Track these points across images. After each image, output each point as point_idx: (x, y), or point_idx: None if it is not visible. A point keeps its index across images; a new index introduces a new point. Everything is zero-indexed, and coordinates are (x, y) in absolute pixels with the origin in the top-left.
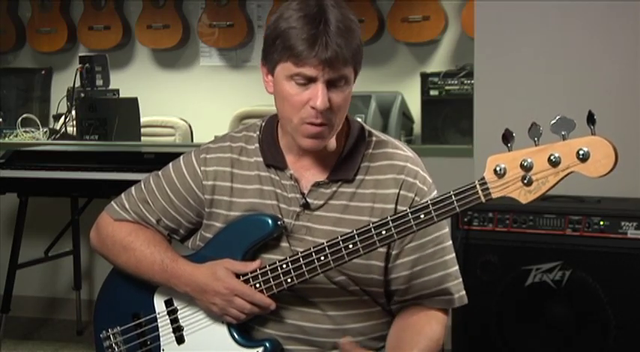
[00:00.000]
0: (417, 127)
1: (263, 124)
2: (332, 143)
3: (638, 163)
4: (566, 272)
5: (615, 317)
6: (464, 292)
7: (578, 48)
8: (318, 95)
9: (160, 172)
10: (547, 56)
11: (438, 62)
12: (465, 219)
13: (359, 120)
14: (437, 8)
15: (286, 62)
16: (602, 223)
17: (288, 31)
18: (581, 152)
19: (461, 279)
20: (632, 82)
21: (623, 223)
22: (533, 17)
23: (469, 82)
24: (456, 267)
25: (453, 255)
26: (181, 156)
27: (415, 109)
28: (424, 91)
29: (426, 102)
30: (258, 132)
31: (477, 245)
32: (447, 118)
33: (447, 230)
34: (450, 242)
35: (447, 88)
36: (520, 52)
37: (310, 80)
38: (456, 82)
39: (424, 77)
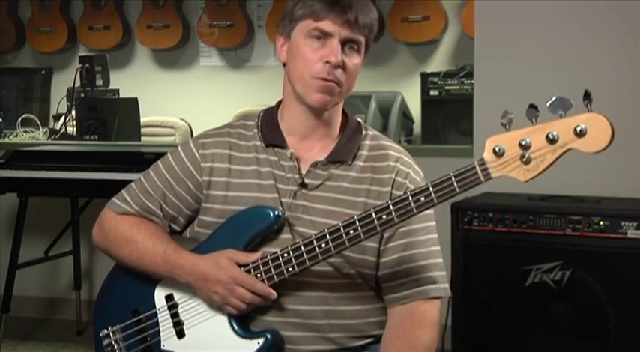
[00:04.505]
0: (417, 127)
1: (261, 113)
2: (334, 130)
3: (639, 163)
4: (566, 272)
5: (615, 317)
6: (448, 285)
7: (578, 48)
8: (333, 50)
9: (158, 161)
10: (547, 56)
11: (438, 62)
12: (465, 219)
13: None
14: (437, 8)
15: (306, 20)
16: (602, 223)
17: None
18: (578, 128)
19: (445, 273)
20: (632, 82)
21: (623, 223)
22: (533, 17)
23: (469, 82)
24: (442, 260)
25: (439, 248)
26: (179, 145)
27: (415, 109)
28: (424, 91)
29: (426, 102)
30: (256, 120)
31: (477, 245)
32: (447, 118)
33: (434, 223)
34: (437, 235)
35: (447, 87)
36: (520, 52)
37: (327, 36)
38: (456, 82)
39: (424, 77)
